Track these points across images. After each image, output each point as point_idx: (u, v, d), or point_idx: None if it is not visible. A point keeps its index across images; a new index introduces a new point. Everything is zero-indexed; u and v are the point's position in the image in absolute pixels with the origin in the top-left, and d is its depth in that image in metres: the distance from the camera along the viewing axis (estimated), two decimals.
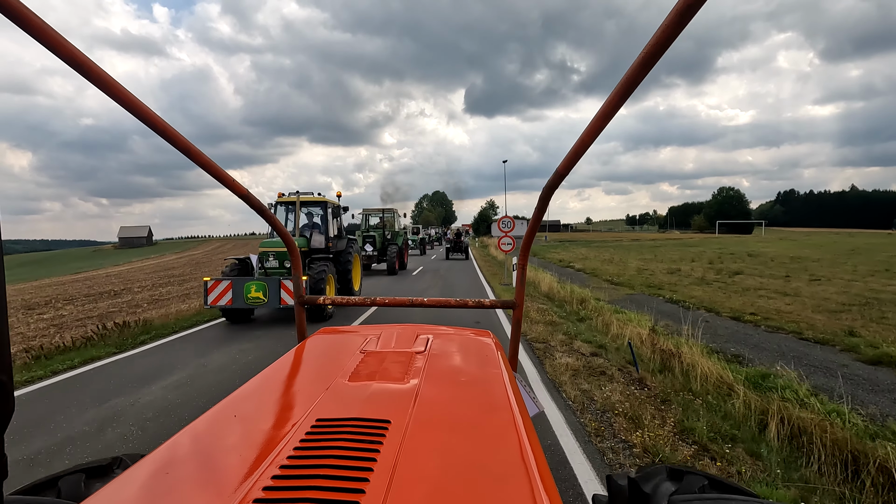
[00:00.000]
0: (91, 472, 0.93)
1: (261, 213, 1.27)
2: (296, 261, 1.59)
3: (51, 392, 5.11)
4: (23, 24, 0.62)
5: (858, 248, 30.95)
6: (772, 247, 34.44)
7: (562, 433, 3.72)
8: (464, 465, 0.68)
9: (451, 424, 0.83)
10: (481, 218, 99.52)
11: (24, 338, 8.36)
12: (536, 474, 0.65)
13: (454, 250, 27.34)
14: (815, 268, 18.45)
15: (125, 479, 0.68)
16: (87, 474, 0.92)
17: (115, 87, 0.77)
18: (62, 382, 5.43)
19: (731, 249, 32.21)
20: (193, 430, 0.82)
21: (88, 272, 37.87)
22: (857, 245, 34.32)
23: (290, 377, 1.13)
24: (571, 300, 10.29)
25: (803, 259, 23.04)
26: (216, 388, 5.02)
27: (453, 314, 8.24)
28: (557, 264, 24.11)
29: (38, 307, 13.29)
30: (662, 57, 0.70)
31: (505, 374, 1.11)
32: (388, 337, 1.38)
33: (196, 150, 0.96)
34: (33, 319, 10.95)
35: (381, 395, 0.93)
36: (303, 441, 0.73)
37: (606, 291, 12.50)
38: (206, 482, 0.66)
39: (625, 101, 0.80)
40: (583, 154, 0.94)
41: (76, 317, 10.99)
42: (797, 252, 28.29)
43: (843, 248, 31.60)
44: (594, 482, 3.00)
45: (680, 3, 0.63)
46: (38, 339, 7.99)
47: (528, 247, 1.51)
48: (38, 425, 4.14)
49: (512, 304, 1.58)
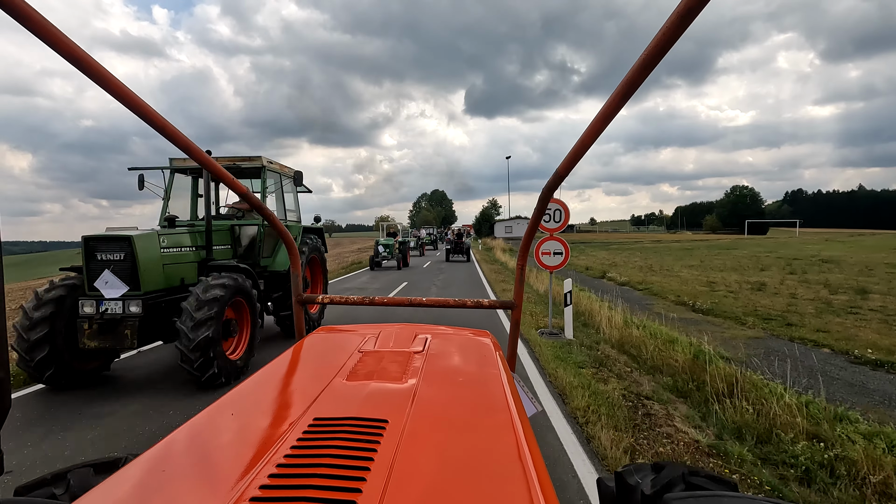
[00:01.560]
0: (98, 468, 0.90)
1: (260, 210, 1.34)
2: (294, 259, 1.61)
3: None
4: (25, 21, 0.64)
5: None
6: (830, 249, 29.19)
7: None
8: (461, 464, 0.68)
9: (449, 424, 0.82)
10: (483, 218, 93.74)
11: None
12: (534, 474, 0.65)
13: (455, 251, 25.90)
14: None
15: (121, 476, 0.68)
16: (94, 470, 0.89)
17: (116, 85, 0.79)
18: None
19: (782, 253, 27.12)
20: (190, 427, 0.81)
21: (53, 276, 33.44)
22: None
23: (287, 376, 1.12)
24: (686, 368, 5.16)
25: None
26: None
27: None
28: (585, 273, 19.02)
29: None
30: (664, 58, 0.70)
31: (503, 374, 1.10)
32: (387, 336, 1.36)
33: (196, 148, 1.00)
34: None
35: (378, 394, 0.92)
36: (300, 440, 0.72)
37: (709, 331, 7.39)
38: (202, 480, 0.65)
39: (625, 103, 0.80)
40: (583, 155, 0.95)
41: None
42: (868, 256, 23.13)
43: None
44: None
45: (681, 6, 0.63)
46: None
47: (528, 246, 1.49)
48: None
49: (511, 304, 1.55)
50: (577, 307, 8.95)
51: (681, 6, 0.63)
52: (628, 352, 6.23)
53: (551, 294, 7.84)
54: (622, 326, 6.99)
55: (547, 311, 7.91)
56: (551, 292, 7.87)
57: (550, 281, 7.99)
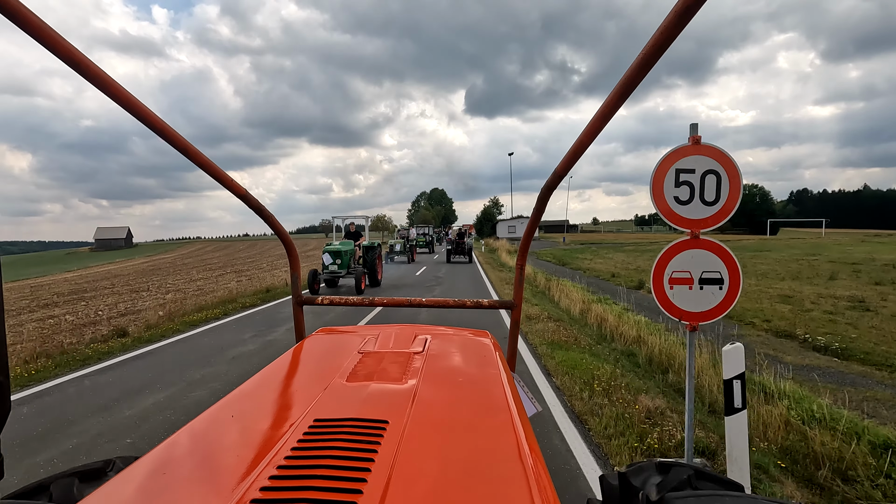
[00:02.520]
0: (84, 475, 0.90)
1: (259, 212, 1.30)
2: (294, 261, 1.59)
3: None
4: (22, 23, 0.64)
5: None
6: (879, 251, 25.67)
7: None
8: (461, 465, 0.67)
9: (449, 425, 0.81)
10: (485, 217, 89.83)
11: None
12: (534, 475, 0.64)
13: (456, 252, 24.48)
14: None
15: (122, 479, 0.67)
16: (79, 478, 0.89)
17: (114, 87, 0.78)
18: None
19: (828, 255, 23.71)
20: (191, 430, 0.80)
21: (25, 280, 30.41)
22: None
23: (287, 377, 1.11)
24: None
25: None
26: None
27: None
28: (611, 282, 15.70)
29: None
30: (663, 57, 0.70)
31: (503, 374, 1.09)
32: (387, 337, 1.35)
33: (195, 150, 0.99)
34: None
35: (378, 395, 0.91)
36: (300, 441, 0.72)
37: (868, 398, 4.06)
38: (203, 482, 0.65)
39: (623, 102, 0.79)
40: (581, 154, 0.95)
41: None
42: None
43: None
44: None
45: (679, 5, 0.63)
46: None
47: (528, 247, 1.46)
48: None
49: (510, 304, 1.50)
50: (637, 342, 5.65)
51: (679, 4, 0.62)
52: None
53: (690, 388, 2.86)
54: (781, 421, 3.64)
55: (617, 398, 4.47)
56: (691, 378, 2.88)
57: (690, 354, 2.85)
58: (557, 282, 12.80)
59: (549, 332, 7.28)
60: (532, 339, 6.89)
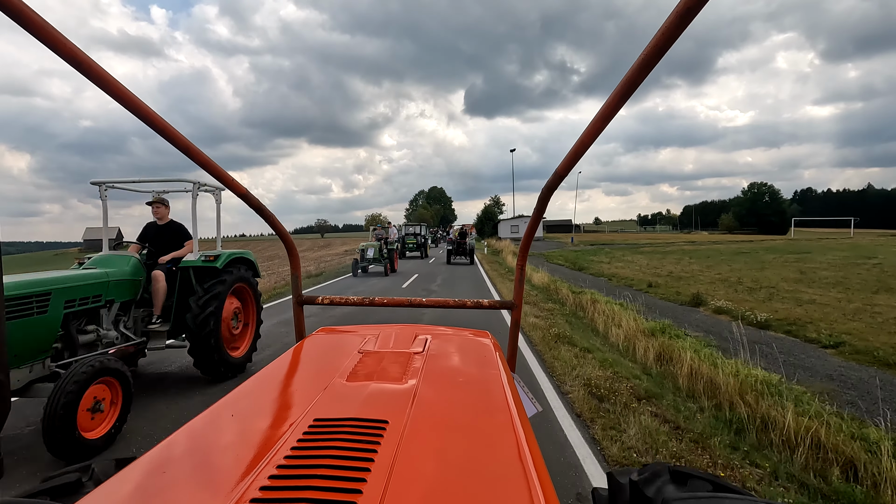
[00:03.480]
0: (55, 491, 0.81)
1: (259, 211, 1.29)
2: (294, 261, 1.59)
3: None
4: (25, 23, 0.64)
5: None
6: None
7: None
8: (461, 465, 0.66)
9: (449, 425, 0.81)
10: (486, 216, 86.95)
11: None
12: (534, 475, 0.63)
13: (457, 253, 23.74)
14: None
15: (121, 478, 0.66)
16: (50, 496, 0.81)
17: (117, 87, 0.78)
18: None
19: (877, 258, 20.89)
20: (190, 429, 0.80)
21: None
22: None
23: (287, 377, 1.10)
24: None
25: None
26: None
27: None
28: (651, 294, 12.94)
29: None
30: (663, 57, 0.69)
31: (503, 374, 1.08)
32: (387, 337, 1.34)
33: (195, 150, 0.98)
34: None
35: (378, 395, 0.91)
36: (300, 441, 0.71)
37: None
38: (202, 482, 0.64)
39: (625, 103, 0.78)
40: (582, 155, 0.94)
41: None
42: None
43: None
44: None
45: (680, 6, 0.63)
46: None
47: (528, 246, 1.47)
48: None
49: (511, 304, 1.51)
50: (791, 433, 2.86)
51: (680, 6, 0.63)
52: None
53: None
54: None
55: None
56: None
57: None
58: (591, 297, 9.97)
59: (645, 422, 3.81)
60: (608, 448, 3.47)
